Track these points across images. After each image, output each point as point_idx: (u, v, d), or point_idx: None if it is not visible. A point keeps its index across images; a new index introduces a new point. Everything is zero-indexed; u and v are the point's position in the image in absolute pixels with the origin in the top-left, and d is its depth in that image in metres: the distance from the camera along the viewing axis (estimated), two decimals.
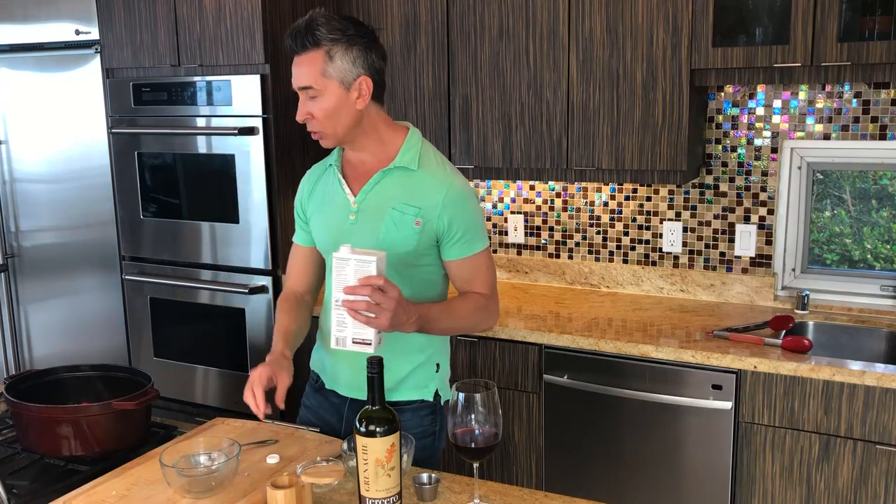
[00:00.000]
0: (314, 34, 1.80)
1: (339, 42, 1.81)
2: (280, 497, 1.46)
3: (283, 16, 3.11)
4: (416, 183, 1.89)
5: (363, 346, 1.70)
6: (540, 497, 1.64)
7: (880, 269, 2.99)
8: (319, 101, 1.82)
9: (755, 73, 2.68)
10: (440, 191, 1.87)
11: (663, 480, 2.71)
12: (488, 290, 1.95)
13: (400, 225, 1.86)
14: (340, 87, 1.82)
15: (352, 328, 1.69)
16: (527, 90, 3.00)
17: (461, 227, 1.88)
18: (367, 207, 1.90)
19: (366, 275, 1.65)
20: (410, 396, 1.97)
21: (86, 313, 3.71)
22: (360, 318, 1.66)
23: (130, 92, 3.34)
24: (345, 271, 1.67)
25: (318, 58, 1.80)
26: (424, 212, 1.86)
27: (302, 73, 1.82)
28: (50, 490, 1.67)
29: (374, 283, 1.65)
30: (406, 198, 1.88)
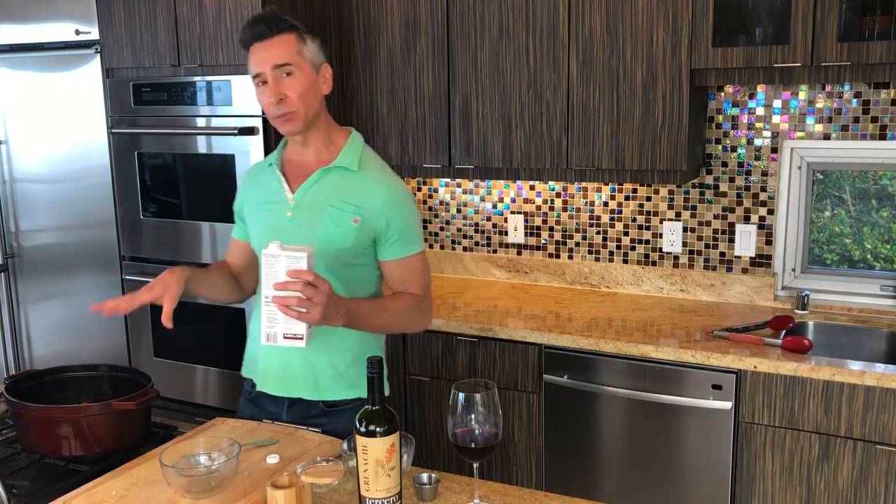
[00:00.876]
0: (285, 19, 1.89)
1: (306, 30, 1.92)
2: (280, 497, 1.46)
3: None
4: (357, 183, 1.95)
5: (295, 342, 1.73)
6: (540, 497, 1.64)
7: (880, 269, 2.99)
8: (294, 80, 1.87)
9: (755, 73, 2.68)
10: (380, 191, 1.94)
11: (663, 480, 2.71)
12: (422, 291, 2.00)
13: (338, 222, 1.91)
14: (312, 69, 1.91)
15: (283, 324, 1.72)
16: (527, 90, 3.00)
17: (399, 228, 1.94)
18: (304, 205, 1.95)
19: (295, 270, 1.69)
20: (347, 395, 2.00)
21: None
22: (292, 314, 1.69)
23: (130, 92, 3.34)
24: (275, 268, 1.70)
25: (292, 39, 1.88)
26: (363, 211, 1.92)
27: (276, 52, 1.87)
28: (50, 490, 1.67)
29: (305, 278, 1.68)
30: (346, 196, 1.93)
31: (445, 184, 3.63)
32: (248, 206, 2.07)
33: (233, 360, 3.35)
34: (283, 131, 1.94)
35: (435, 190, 3.66)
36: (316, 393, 2.00)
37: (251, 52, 1.90)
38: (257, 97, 1.94)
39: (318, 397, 2.00)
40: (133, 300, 1.82)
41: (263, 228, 2.00)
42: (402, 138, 3.27)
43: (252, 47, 1.89)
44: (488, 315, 3.01)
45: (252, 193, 2.07)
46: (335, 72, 3.35)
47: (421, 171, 3.29)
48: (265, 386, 2.06)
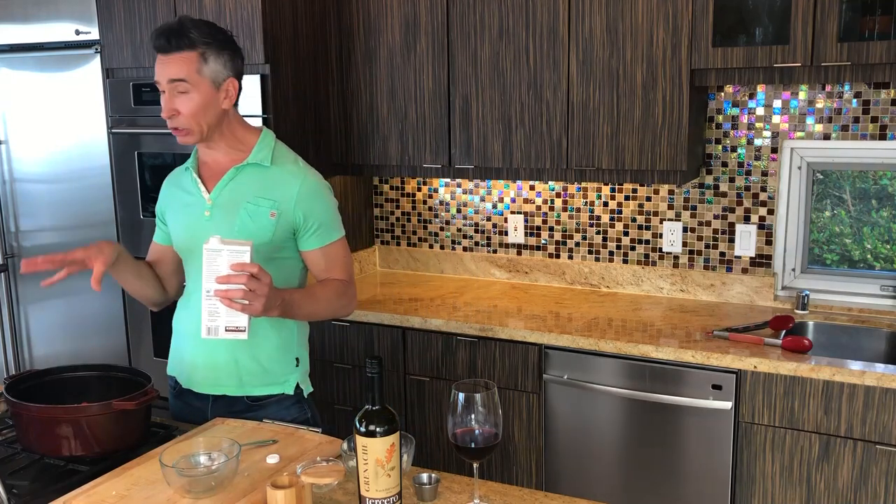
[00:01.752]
0: (188, 36, 1.88)
1: (211, 45, 1.91)
2: (280, 497, 1.46)
3: (283, 16, 3.11)
4: (271, 178, 2.00)
5: (237, 334, 1.76)
6: (540, 497, 1.64)
7: (880, 269, 2.99)
8: (188, 98, 1.90)
9: (755, 73, 2.68)
10: (294, 184, 1.99)
11: (663, 480, 2.71)
12: (346, 276, 2.07)
13: (255, 217, 1.96)
14: (211, 87, 1.93)
15: (225, 317, 1.75)
16: (527, 90, 3.00)
17: (317, 218, 2.00)
18: (221, 203, 1.99)
19: (239, 263, 1.71)
20: (269, 391, 2.06)
21: (86, 313, 3.71)
22: (236, 306, 1.73)
23: (130, 92, 3.34)
24: (217, 262, 1.72)
25: (192, 58, 1.89)
26: (279, 204, 1.97)
27: (174, 67, 1.88)
28: (50, 490, 1.67)
29: (249, 271, 1.72)
30: (261, 192, 1.98)
31: (445, 184, 3.63)
32: (170, 209, 2.11)
33: None
34: (179, 142, 1.99)
35: (435, 190, 3.66)
36: (240, 389, 2.05)
37: (156, 59, 1.92)
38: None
39: (242, 393, 2.05)
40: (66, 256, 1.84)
41: (184, 229, 2.05)
42: (402, 138, 3.27)
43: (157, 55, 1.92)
44: (488, 315, 3.01)
45: (172, 197, 2.12)
46: (335, 72, 3.35)
47: (421, 171, 3.29)
48: (191, 383, 2.10)
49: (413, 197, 3.72)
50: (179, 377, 2.13)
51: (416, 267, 3.75)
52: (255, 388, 2.05)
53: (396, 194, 3.76)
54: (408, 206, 3.74)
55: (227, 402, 2.06)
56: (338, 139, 3.39)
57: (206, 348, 2.02)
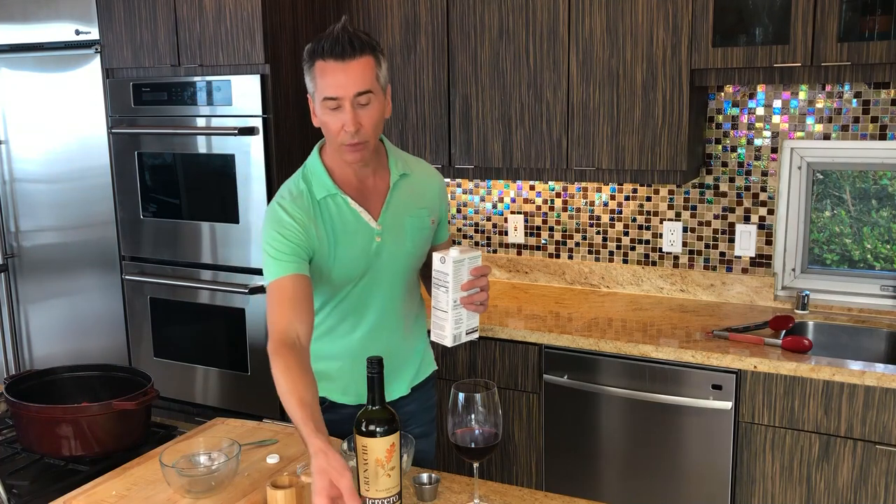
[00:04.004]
0: (361, 39, 1.72)
1: (376, 48, 1.77)
2: (280, 497, 1.46)
3: (283, 16, 3.11)
4: (416, 185, 1.96)
5: (473, 335, 1.82)
6: (540, 497, 1.64)
7: (880, 269, 2.99)
8: (371, 110, 1.75)
9: (755, 73, 2.68)
10: (434, 184, 2.02)
11: (663, 480, 2.71)
12: None
13: (421, 229, 1.96)
14: (383, 95, 1.80)
15: (466, 321, 1.79)
16: (527, 90, 3.00)
17: (447, 209, 2.08)
18: (388, 224, 1.89)
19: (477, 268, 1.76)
20: (428, 371, 2.13)
21: (86, 313, 3.71)
22: (480, 309, 1.78)
23: (130, 92, 3.34)
24: (461, 271, 1.75)
25: (370, 63, 1.73)
26: (432, 209, 1.99)
27: (358, 77, 1.71)
28: (50, 490, 1.67)
29: (485, 272, 1.76)
30: (415, 202, 1.95)
31: (445, 184, 3.62)
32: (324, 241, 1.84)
33: (233, 360, 3.36)
34: (349, 160, 1.80)
35: None
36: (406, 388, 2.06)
37: (324, 69, 1.71)
38: (321, 117, 1.78)
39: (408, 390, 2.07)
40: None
41: (356, 260, 1.87)
42: (402, 138, 3.27)
43: (327, 64, 1.70)
44: (488, 315, 3.01)
45: (322, 229, 1.84)
46: None
47: None
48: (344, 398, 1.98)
49: None
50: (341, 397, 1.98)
51: None
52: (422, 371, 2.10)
53: None
54: None
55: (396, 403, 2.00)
56: None
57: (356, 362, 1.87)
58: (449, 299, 1.73)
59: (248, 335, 3.27)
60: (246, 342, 3.29)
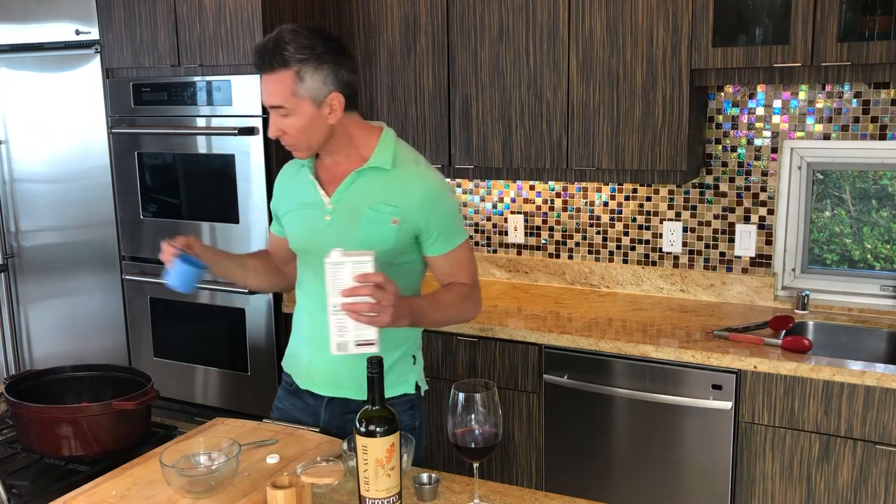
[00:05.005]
0: (282, 55, 1.76)
1: (307, 62, 1.77)
2: (280, 497, 1.46)
3: (283, 16, 3.11)
4: (392, 182, 1.90)
5: (367, 347, 1.67)
6: (540, 497, 1.64)
7: (880, 269, 2.99)
8: (291, 120, 1.81)
9: (755, 73, 2.69)
10: (416, 189, 1.88)
11: (663, 480, 2.71)
12: (471, 280, 1.98)
13: (377, 224, 1.87)
14: (312, 105, 1.80)
15: (353, 331, 1.66)
16: (527, 90, 3.00)
17: (440, 223, 1.90)
18: (342, 208, 1.91)
19: (363, 274, 1.64)
20: (395, 392, 1.98)
21: (86, 313, 3.71)
22: (363, 319, 1.65)
23: (130, 92, 3.34)
24: (340, 275, 1.64)
25: (287, 78, 1.77)
26: (401, 210, 1.87)
27: (272, 92, 1.79)
28: (50, 490, 1.67)
29: (374, 281, 1.64)
30: (382, 197, 1.88)
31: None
32: (285, 206, 2.02)
33: (233, 360, 3.36)
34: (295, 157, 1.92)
35: None
36: (360, 392, 1.96)
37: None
38: None
39: (361, 396, 1.97)
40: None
41: (304, 231, 1.96)
42: (401, 138, 3.25)
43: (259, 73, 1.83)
44: (488, 315, 3.01)
45: (288, 194, 2.02)
46: None
47: None
48: (310, 385, 2.03)
49: None
50: (297, 378, 2.06)
51: None
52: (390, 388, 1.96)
53: None
54: None
55: (342, 404, 1.99)
56: None
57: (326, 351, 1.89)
58: (328, 303, 1.65)
59: (248, 335, 3.27)
60: (246, 342, 3.29)
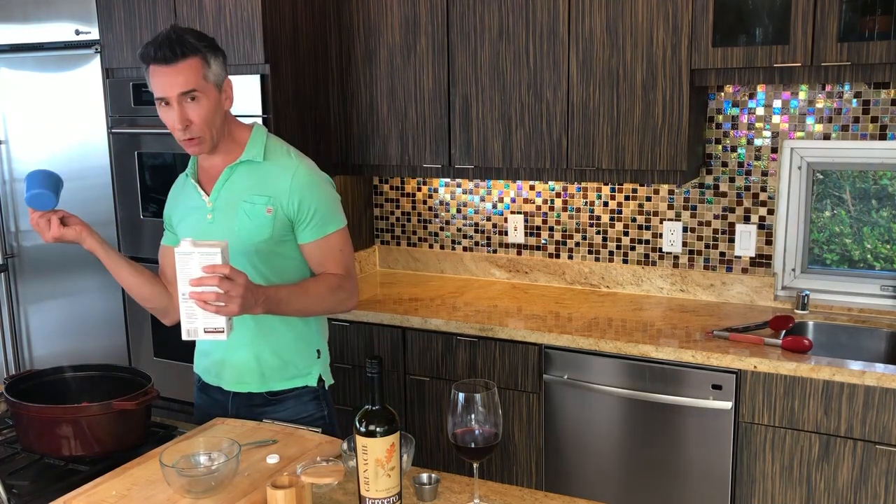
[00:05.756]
0: (189, 43, 1.87)
1: (208, 48, 1.91)
2: (280, 497, 1.46)
3: (283, 16, 3.11)
4: (264, 173, 1.99)
5: (216, 335, 1.75)
6: (540, 497, 1.64)
7: (880, 269, 2.99)
8: (198, 106, 1.89)
9: (755, 73, 2.68)
10: (286, 176, 1.97)
11: (663, 480, 2.71)
12: (343, 270, 2.03)
13: (252, 215, 1.96)
14: (216, 91, 1.93)
15: (202, 319, 1.74)
16: (527, 90, 3.00)
17: (311, 208, 1.97)
18: (221, 205, 2.00)
19: (210, 265, 1.70)
20: (295, 384, 2.07)
21: (86, 313, 3.71)
22: (210, 308, 1.71)
23: (130, 92, 3.34)
24: (189, 265, 1.71)
25: (197, 63, 1.88)
26: (274, 199, 1.96)
27: (182, 79, 1.86)
28: (50, 490, 1.67)
29: (220, 273, 1.70)
30: (256, 189, 1.97)
31: (445, 184, 3.63)
32: (176, 216, 2.10)
33: None
34: (191, 153, 1.98)
35: (435, 190, 3.66)
36: (263, 385, 2.07)
37: (152, 72, 1.88)
38: (159, 115, 1.94)
39: (264, 388, 2.07)
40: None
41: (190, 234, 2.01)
42: (402, 138, 3.27)
43: (153, 68, 1.88)
44: (488, 315, 3.01)
45: (176, 203, 2.11)
46: (335, 72, 3.35)
47: (421, 171, 3.29)
48: (219, 381, 2.12)
49: (413, 197, 3.72)
50: (205, 375, 2.16)
51: (416, 267, 3.75)
52: (277, 382, 2.06)
53: (396, 194, 3.76)
54: (408, 206, 3.74)
55: (247, 397, 2.08)
56: (338, 139, 3.38)
57: (228, 347, 2.03)
58: (178, 291, 1.72)
59: None
60: None
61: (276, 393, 2.07)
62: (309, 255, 2.02)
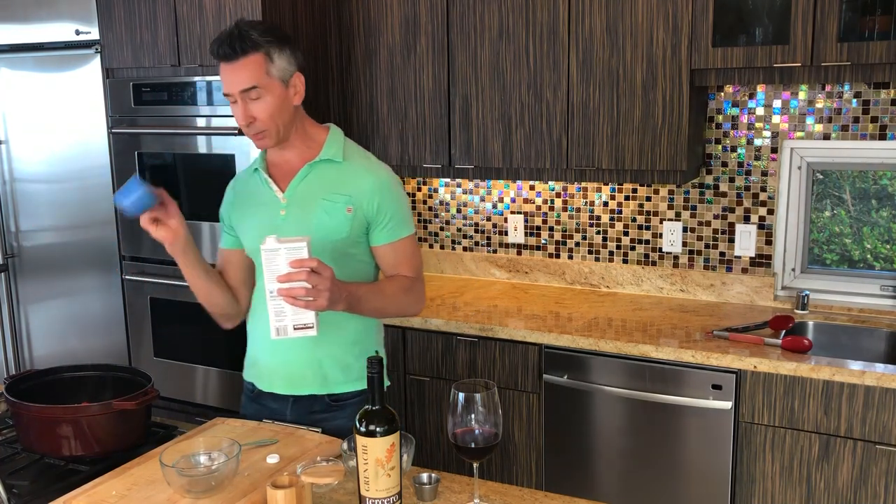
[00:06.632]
0: (251, 38, 1.86)
1: (273, 43, 1.89)
2: (280, 497, 1.46)
3: (283, 16, 3.11)
4: (345, 173, 1.98)
5: (306, 331, 1.73)
6: (540, 497, 1.64)
7: (880, 269, 2.99)
8: (263, 102, 1.88)
9: (755, 73, 2.68)
10: (368, 178, 1.97)
11: (663, 480, 2.71)
12: (414, 273, 2.03)
13: (332, 213, 1.94)
14: (281, 86, 1.90)
15: (291, 315, 1.72)
16: (527, 90, 3.00)
17: (388, 212, 1.98)
18: (296, 201, 1.98)
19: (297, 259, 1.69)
20: (356, 387, 2.04)
21: (86, 313, 3.71)
22: (300, 304, 1.70)
23: (130, 92, 3.34)
24: (276, 261, 1.69)
25: (259, 60, 1.86)
26: (354, 199, 1.95)
27: (244, 75, 1.86)
28: (50, 490, 1.67)
29: (308, 266, 1.69)
30: (336, 187, 1.96)
31: (445, 184, 3.63)
32: (238, 212, 2.07)
33: (233, 360, 3.36)
34: (258, 146, 1.97)
35: (435, 190, 3.66)
36: (324, 387, 2.03)
37: (221, 69, 1.89)
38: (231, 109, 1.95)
39: (325, 391, 2.03)
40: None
41: (259, 230, 2.00)
42: (402, 138, 3.27)
43: (221, 65, 1.89)
44: (488, 315, 3.01)
45: (241, 200, 2.08)
46: (335, 72, 3.36)
47: (421, 171, 3.29)
48: (271, 386, 2.07)
49: (413, 197, 3.72)
50: (258, 382, 2.10)
51: None
52: (338, 385, 2.02)
53: None
54: None
55: (308, 401, 2.03)
56: None
57: (284, 350, 1.99)
58: (266, 289, 1.71)
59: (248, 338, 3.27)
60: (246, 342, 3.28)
61: (337, 398, 2.03)
62: (383, 257, 2.02)
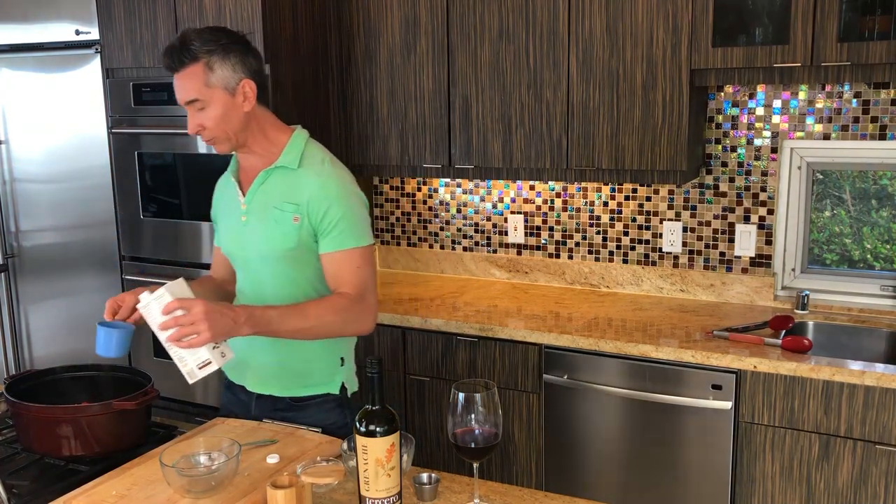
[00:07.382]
0: (189, 49, 1.85)
1: (215, 52, 1.86)
2: (280, 497, 1.46)
3: (283, 16, 3.11)
4: (297, 180, 1.95)
5: (210, 367, 1.71)
6: (540, 497, 1.64)
7: (880, 269, 2.99)
8: (208, 112, 1.88)
9: (755, 73, 2.69)
10: (314, 184, 1.92)
11: (663, 480, 2.71)
12: (355, 290, 1.90)
13: (280, 223, 1.93)
14: (225, 94, 1.88)
15: (190, 357, 1.71)
16: (527, 90, 3.00)
17: (334, 219, 1.90)
18: (255, 208, 1.98)
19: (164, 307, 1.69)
20: (315, 391, 2.03)
21: (86, 313, 3.70)
22: (183, 345, 1.68)
23: (130, 92, 3.34)
24: (153, 315, 1.71)
25: (197, 71, 1.85)
26: (302, 208, 1.92)
27: (185, 87, 1.86)
28: (50, 490, 1.67)
29: (171, 309, 1.68)
30: (287, 196, 1.94)
31: (445, 184, 3.63)
32: (218, 214, 2.13)
33: None
34: (217, 152, 1.97)
35: (435, 190, 3.66)
36: (286, 390, 2.05)
37: None
38: None
39: (287, 394, 2.05)
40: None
41: (228, 233, 2.07)
42: (402, 138, 3.27)
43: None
44: (488, 315, 3.01)
45: (218, 202, 2.13)
46: (335, 72, 3.35)
47: (421, 171, 3.29)
48: (240, 379, 2.11)
49: (413, 197, 3.72)
50: (229, 373, 2.14)
51: (416, 267, 3.75)
52: (299, 389, 2.03)
53: (396, 194, 3.76)
54: (408, 206, 3.74)
55: (272, 400, 2.06)
56: (338, 139, 3.38)
57: (253, 349, 2.00)
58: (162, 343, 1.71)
59: None
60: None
61: (298, 399, 2.04)
62: (326, 268, 1.94)
